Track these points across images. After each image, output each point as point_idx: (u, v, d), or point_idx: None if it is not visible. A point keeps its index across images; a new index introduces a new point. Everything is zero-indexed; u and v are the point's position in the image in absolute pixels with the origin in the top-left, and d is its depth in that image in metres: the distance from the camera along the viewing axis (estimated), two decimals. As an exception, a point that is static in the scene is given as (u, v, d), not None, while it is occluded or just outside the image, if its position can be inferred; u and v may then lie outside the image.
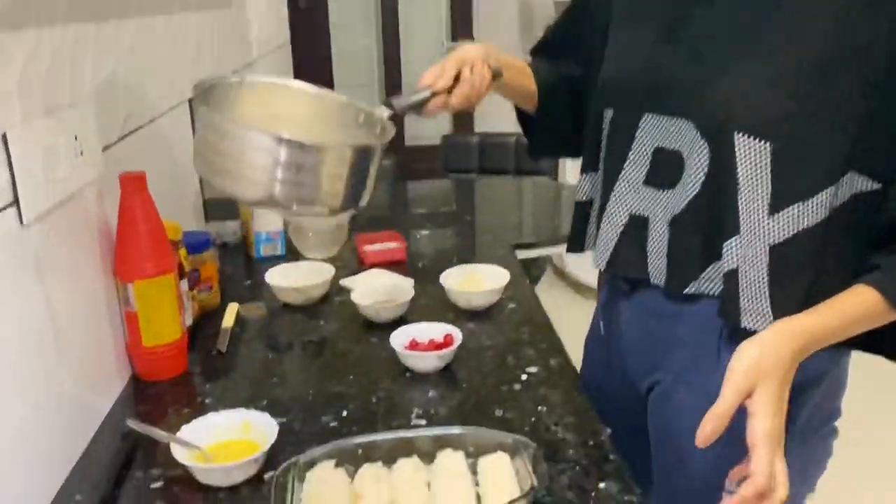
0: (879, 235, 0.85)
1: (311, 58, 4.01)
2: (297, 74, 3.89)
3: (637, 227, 0.97)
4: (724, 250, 0.88)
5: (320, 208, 0.87)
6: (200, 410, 1.03)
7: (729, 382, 0.78)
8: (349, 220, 1.63)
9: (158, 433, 0.92)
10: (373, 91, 4.16)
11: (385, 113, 0.97)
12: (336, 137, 0.99)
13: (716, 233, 0.89)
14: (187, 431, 0.94)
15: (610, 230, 1.00)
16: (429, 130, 4.12)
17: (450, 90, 1.00)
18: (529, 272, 1.65)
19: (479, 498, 0.84)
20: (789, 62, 0.82)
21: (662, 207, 0.93)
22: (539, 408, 1.05)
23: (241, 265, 1.64)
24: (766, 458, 0.75)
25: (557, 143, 1.19)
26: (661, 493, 1.02)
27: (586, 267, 1.60)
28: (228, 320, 1.33)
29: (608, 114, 0.99)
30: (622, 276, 1.03)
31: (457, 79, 1.00)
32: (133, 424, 0.93)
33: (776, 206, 0.83)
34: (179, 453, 0.90)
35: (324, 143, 0.87)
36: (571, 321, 1.53)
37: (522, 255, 1.69)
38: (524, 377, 1.13)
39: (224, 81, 0.96)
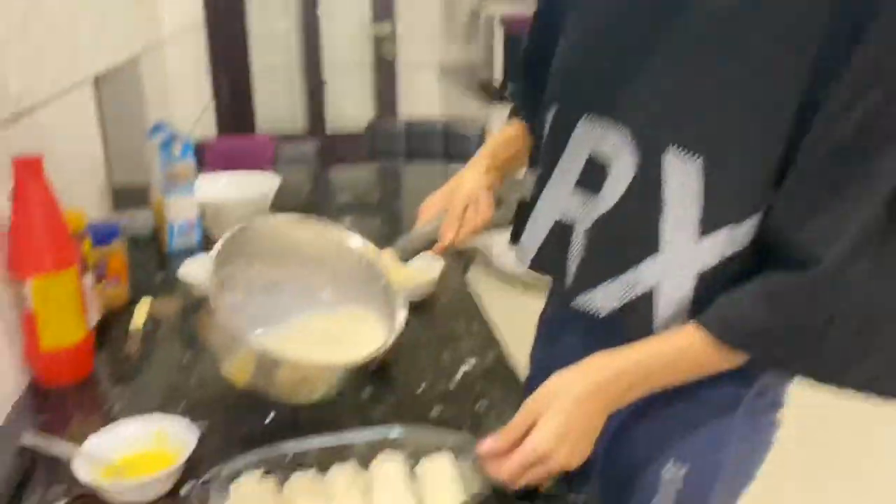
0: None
1: (228, 39, 3.84)
2: (213, 57, 3.72)
3: (562, 231, 0.93)
4: (639, 270, 0.83)
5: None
6: (109, 418, 0.93)
7: (522, 406, 0.79)
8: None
9: (58, 447, 0.82)
10: (292, 72, 4.01)
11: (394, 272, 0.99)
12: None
13: (629, 249, 0.84)
14: (92, 443, 0.84)
15: (538, 230, 0.96)
16: (351, 118, 4.02)
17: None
18: (461, 262, 1.60)
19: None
20: (728, 78, 0.75)
21: (586, 214, 0.89)
22: (478, 404, 1.00)
23: (153, 258, 1.52)
24: (520, 462, 0.77)
25: None
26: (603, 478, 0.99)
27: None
28: (139, 318, 1.22)
29: (552, 109, 0.94)
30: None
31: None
32: (28, 439, 0.82)
33: (706, 228, 0.78)
34: (83, 471, 0.80)
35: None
36: (503, 311, 1.49)
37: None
38: (461, 373, 1.08)
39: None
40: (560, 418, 0.77)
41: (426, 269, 1.32)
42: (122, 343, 1.16)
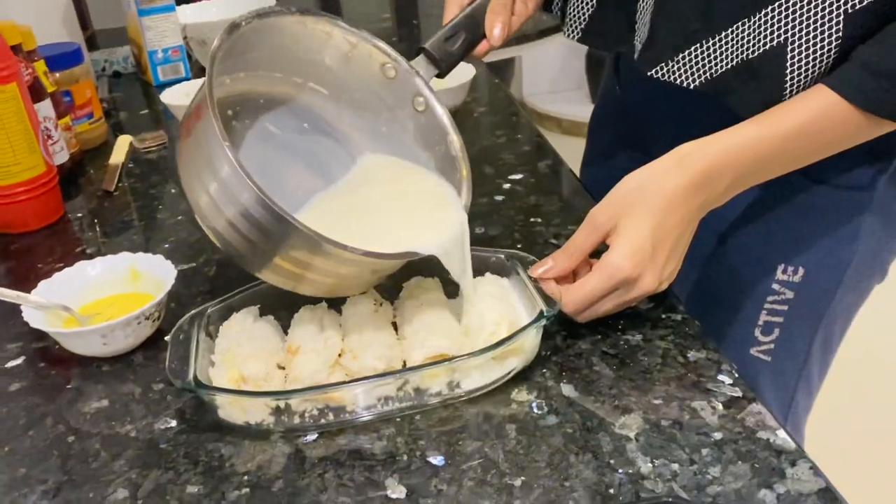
0: None
1: None
2: None
3: None
4: (756, 17, 0.59)
5: None
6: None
7: (590, 214, 0.59)
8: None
9: (4, 292, 0.65)
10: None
11: (425, 72, 0.67)
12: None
13: None
14: (48, 287, 0.67)
15: None
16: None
17: None
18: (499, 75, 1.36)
19: (467, 332, 0.60)
20: None
21: None
22: (531, 219, 0.80)
23: (138, 94, 1.31)
24: (593, 288, 0.57)
25: None
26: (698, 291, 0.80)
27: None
28: (118, 155, 1.03)
29: None
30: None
31: None
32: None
33: None
34: (35, 317, 0.63)
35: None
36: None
37: (504, 54, 1.39)
38: (507, 186, 0.87)
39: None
40: (645, 227, 0.56)
41: (454, 74, 1.08)
42: (100, 183, 0.97)
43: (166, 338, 0.59)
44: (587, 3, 0.72)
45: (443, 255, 0.58)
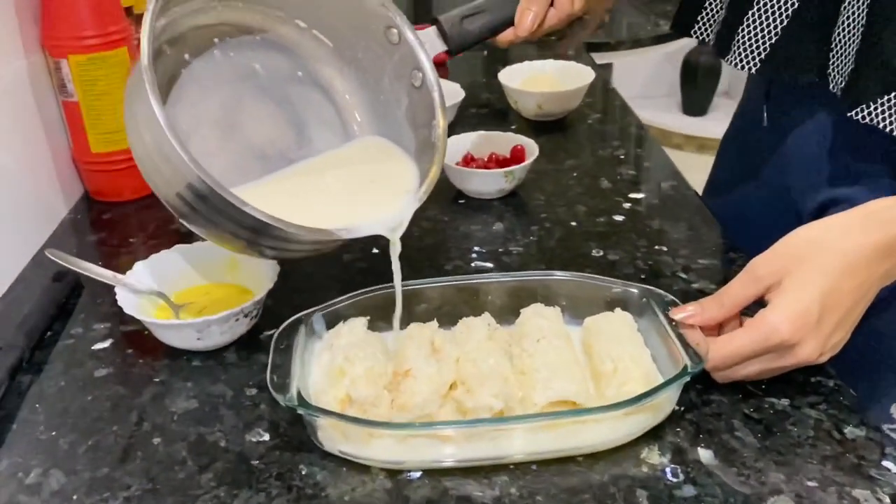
0: None
1: None
2: None
3: (822, 2, 0.60)
4: None
5: None
6: (176, 243, 0.71)
7: (751, 264, 0.52)
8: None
9: (99, 272, 0.61)
10: None
11: (432, 46, 0.61)
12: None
13: None
14: (144, 270, 0.63)
15: (776, 4, 0.63)
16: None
17: None
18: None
19: (596, 377, 0.53)
20: None
21: None
22: (656, 246, 0.73)
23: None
24: (742, 346, 0.50)
25: None
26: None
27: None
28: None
29: None
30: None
31: None
32: (55, 256, 0.61)
33: None
34: (129, 302, 0.60)
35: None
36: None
37: (600, 59, 1.31)
38: (627, 205, 0.80)
39: None
40: (814, 288, 0.49)
41: (571, 77, 1.01)
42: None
43: (270, 337, 0.54)
44: (769, 31, 0.63)
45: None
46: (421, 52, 0.60)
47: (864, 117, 0.56)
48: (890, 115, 0.55)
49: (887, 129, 0.55)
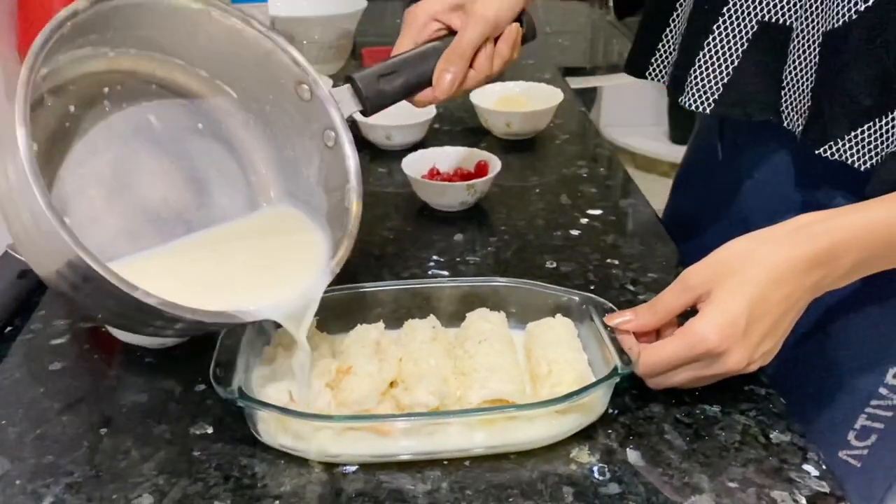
0: None
1: None
2: None
3: (771, 42, 0.63)
4: None
5: None
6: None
7: (685, 273, 0.54)
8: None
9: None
10: None
11: (346, 106, 0.58)
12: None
13: None
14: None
15: (725, 46, 0.65)
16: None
17: None
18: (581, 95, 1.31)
19: (533, 378, 0.55)
20: None
21: (815, 14, 0.59)
22: (608, 259, 0.75)
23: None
24: (671, 353, 0.52)
25: None
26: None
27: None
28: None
29: None
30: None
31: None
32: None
33: None
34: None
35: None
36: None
37: (574, 83, 1.34)
38: (584, 220, 0.83)
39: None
40: (742, 298, 0.50)
41: (540, 98, 1.04)
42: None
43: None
44: (720, 72, 0.65)
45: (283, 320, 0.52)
46: (334, 112, 0.56)
47: (832, 154, 0.58)
48: (859, 150, 0.57)
49: (856, 165, 0.58)
